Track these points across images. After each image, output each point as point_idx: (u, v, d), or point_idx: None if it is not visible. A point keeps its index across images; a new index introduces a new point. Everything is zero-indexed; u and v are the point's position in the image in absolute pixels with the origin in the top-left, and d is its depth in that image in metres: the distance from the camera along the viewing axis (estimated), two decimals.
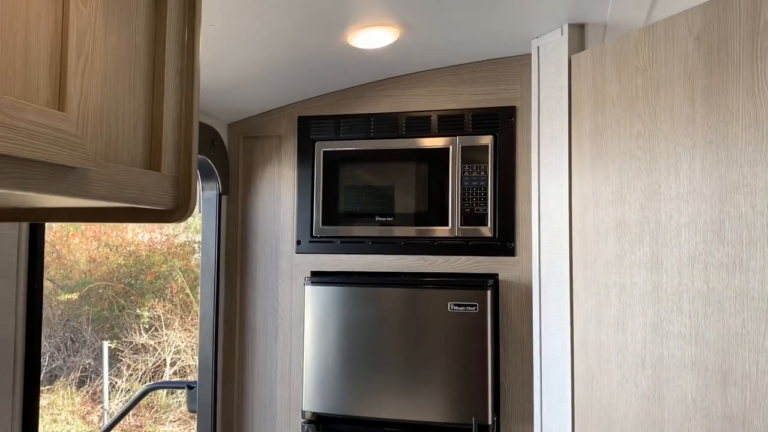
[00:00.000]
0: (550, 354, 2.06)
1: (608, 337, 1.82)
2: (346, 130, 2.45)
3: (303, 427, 2.32)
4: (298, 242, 2.48)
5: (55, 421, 10.57)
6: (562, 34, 2.02)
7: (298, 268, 2.47)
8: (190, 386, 2.50)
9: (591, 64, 1.90)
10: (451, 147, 2.34)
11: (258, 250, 2.53)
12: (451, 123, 2.36)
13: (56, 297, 11.74)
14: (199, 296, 2.52)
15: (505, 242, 2.29)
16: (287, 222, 2.50)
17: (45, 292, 9.21)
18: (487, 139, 2.32)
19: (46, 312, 11.69)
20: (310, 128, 2.48)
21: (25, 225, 1.57)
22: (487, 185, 2.30)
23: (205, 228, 2.45)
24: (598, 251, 1.86)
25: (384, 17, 1.88)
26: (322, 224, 2.44)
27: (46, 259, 11.06)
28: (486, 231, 2.30)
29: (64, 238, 12.13)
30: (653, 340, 1.68)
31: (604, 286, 1.83)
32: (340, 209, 2.43)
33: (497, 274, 2.29)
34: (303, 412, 2.33)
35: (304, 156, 2.48)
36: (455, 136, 2.34)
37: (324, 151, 2.45)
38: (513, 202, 2.28)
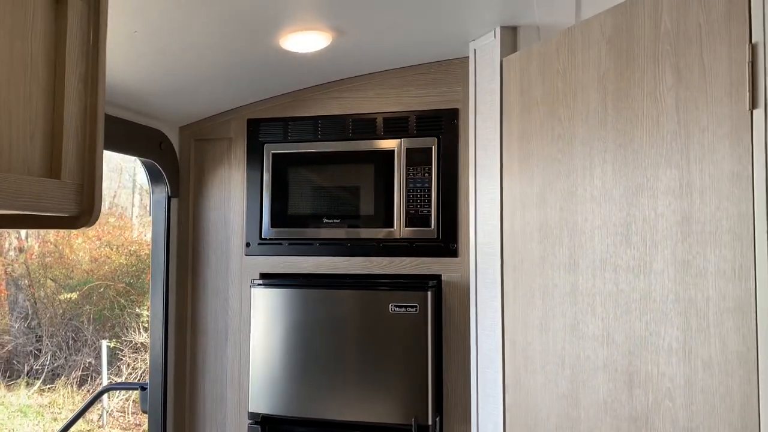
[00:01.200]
0: (485, 355, 2.07)
1: (533, 338, 1.83)
2: (295, 133, 2.47)
3: (249, 428, 2.34)
4: (248, 244, 2.50)
5: (55, 419, 10.66)
6: (495, 36, 2.03)
7: (247, 270, 2.50)
8: (143, 387, 2.53)
9: (519, 67, 1.91)
10: (396, 149, 2.36)
11: (209, 252, 2.56)
12: (396, 125, 2.37)
13: (58, 296, 11.85)
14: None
15: (448, 243, 2.30)
16: (237, 224, 2.53)
17: (47, 291, 9.29)
18: (430, 141, 2.33)
19: (48, 311, 11.79)
20: (260, 131, 2.51)
21: None
22: (431, 187, 2.32)
23: (155, 230, 2.48)
24: (524, 253, 1.87)
25: (313, 21, 1.90)
26: (271, 226, 2.47)
27: (48, 259, 11.15)
28: (430, 232, 2.31)
29: (67, 238, 12.24)
30: (571, 342, 1.69)
31: (529, 288, 1.85)
32: (288, 211, 2.45)
33: (441, 275, 2.31)
34: (249, 413, 2.35)
35: (254, 158, 2.50)
36: (400, 138, 2.36)
37: (273, 154, 2.48)
38: (456, 204, 2.30)
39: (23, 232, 12.97)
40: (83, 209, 1.36)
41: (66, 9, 1.35)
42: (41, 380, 11.25)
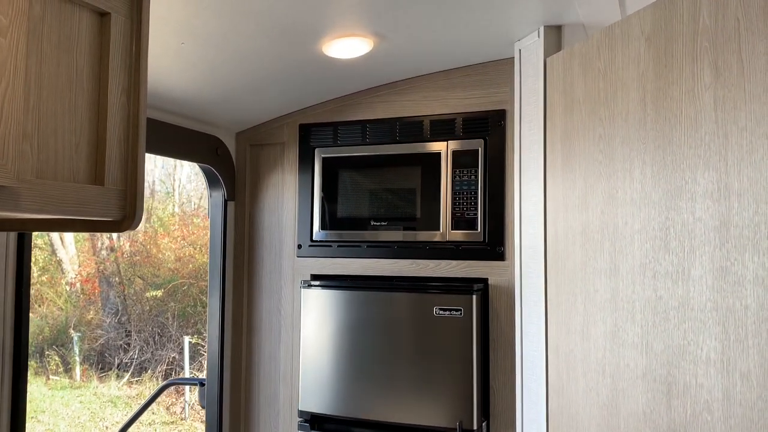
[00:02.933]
0: (529, 361, 2.04)
1: (575, 344, 1.78)
2: (344, 137, 2.51)
3: (299, 425, 2.40)
4: (299, 246, 2.56)
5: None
6: (538, 36, 2.00)
7: (299, 271, 2.56)
8: (202, 383, 2.64)
9: (561, 66, 1.87)
10: (442, 151, 2.35)
11: (263, 254, 2.64)
12: (442, 127, 2.37)
13: (145, 294, 12.46)
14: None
15: (495, 247, 2.28)
16: (289, 226, 2.59)
17: (135, 289, 9.72)
18: (477, 143, 2.31)
19: (137, 308, 12.42)
20: (311, 135, 2.56)
21: (12, 235, 1.73)
22: (478, 189, 2.30)
23: (212, 232, 2.59)
24: (567, 257, 1.83)
25: (353, 28, 1.93)
26: (321, 228, 2.52)
27: (137, 258, 11.69)
28: (476, 235, 2.30)
29: (154, 238, 12.85)
30: (612, 349, 1.64)
31: (571, 293, 1.80)
32: (337, 214, 2.50)
33: (487, 279, 2.29)
34: (299, 412, 2.41)
35: (305, 162, 2.56)
36: (447, 140, 2.35)
37: (323, 158, 2.53)
38: (503, 207, 2.27)
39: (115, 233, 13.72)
40: (126, 213, 1.45)
41: (109, 23, 1.43)
42: (130, 373, 11.84)
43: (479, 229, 2.29)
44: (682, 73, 1.41)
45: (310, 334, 2.41)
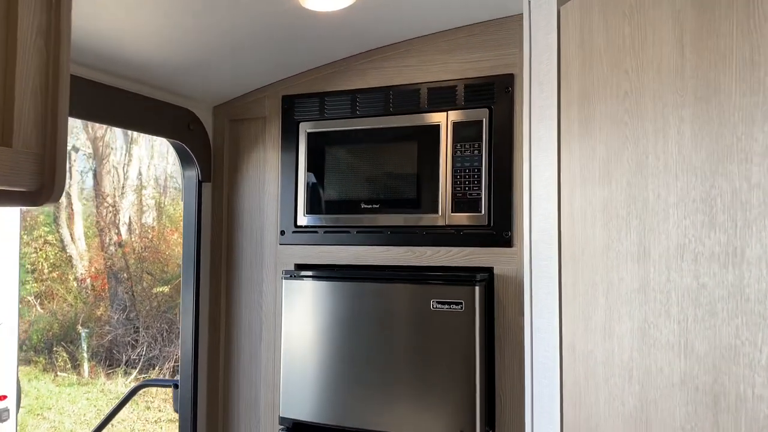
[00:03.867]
0: (540, 362, 1.75)
1: (595, 344, 1.49)
2: (331, 109, 2.23)
3: None
4: (282, 232, 2.29)
5: (148, 408, 11.03)
6: None
7: (282, 261, 2.29)
8: (176, 385, 2.38)
9: (579, 14, 1.57)
10: (441, 123, 2.06)
11: (243, 242, 2.36)
12: (442, 96, 2.08)
13: (153, 290, 12.30)
14: None
15: (501, 231, 1.98)
16: (271, 211, 2.32)
17: (143, 285, 9.58)
18: (481, 113, 2.02)
19: (145, 304, 12.26)
20: (295, 108, 2.28)
21: None
22: (481, 166, 2.01)
23: (186, 217, 2.32)
24: (585, 240, 1.53)
25: None
26: (306, 213, 2.24)
27: (145, 253, 11.56)
28: (480, 218, 2.01)
29: (162, 234, 12.69)
30: (640, 350, 1.34)
31: (591, 283, 1.51)
32: (324, 196, 2.22)
33: (492, 268, 2.00)
34: (280, 419, 2.14)
35: (288, 139, 2.29)
36: (446, 110, 2.07)
37: (308, 133, 2.25)
38: (510, 186, 1.98)
39: (124, 227, 13.58)
40: (44, 183, 1.18)
41: None
42: (137, 369, 11.69)
43: (483, 212, 2.00)
44: (733, 3, 1.12)
45: (293, 331, 2.14)
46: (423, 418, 1.95)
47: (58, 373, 11.82)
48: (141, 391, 11.23)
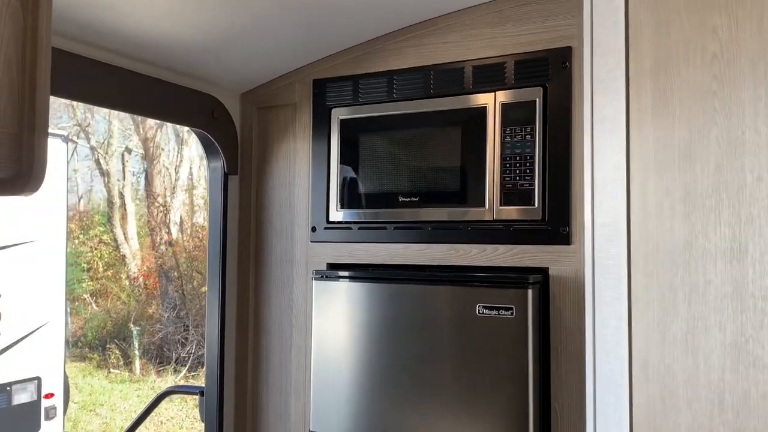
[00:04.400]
0: (605, 378, 1.50)
1: (674, 359, 1.24)
2: (366, 93, 2.03)
3: None
4: (313, 229, 2.10)
5: (196, 406, 11.06)
6: None
7: (313, 260, 2.09)
8: (202, 392, 2.22)
9: None
10: (489, 105, 1.83)
11: (272, 238, 2.18)
12: (489, 74, 1.85)
13: (201, 289, 12.40)
14: None
15: (557, 227, 1.74)
16: (302, 205, 2.13)
17: (193, 284, 9.60)
18: (534, 93, 1.78)
19: (195, 303, 12.37)
20: (326, 93, 2.09)
21: None
22: (534, 153, 1.77)
23: (211, 213, 2.15)
24: (661, 235, 1.29)
25: None
26: (339, 207, 2.04)
27: (195, 252, 11.66)
28: (532, 212, 1.77)
29: None
30: (735, 370, 1.09)
31: (668, 286, 1.26)
32: (358, 189, 2.01)
33: (547, 269, 1.75)
34: None
35: (320, 127, 2.09)
36: (494, 91, 1.83)
37: (341, 120, 2.05)
38: (568, 174, 1.73)
39: (174, 227, 13.76)
40: (21, 169, 1.01)
41: None
42: (186, 368, 11.78)
43: (536, 204, 1.76)
44: None
45: (324, 336, 1.94)
46: None
47: (111, 370, 12.03)
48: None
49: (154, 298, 13.76)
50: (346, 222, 2.03)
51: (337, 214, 2.05)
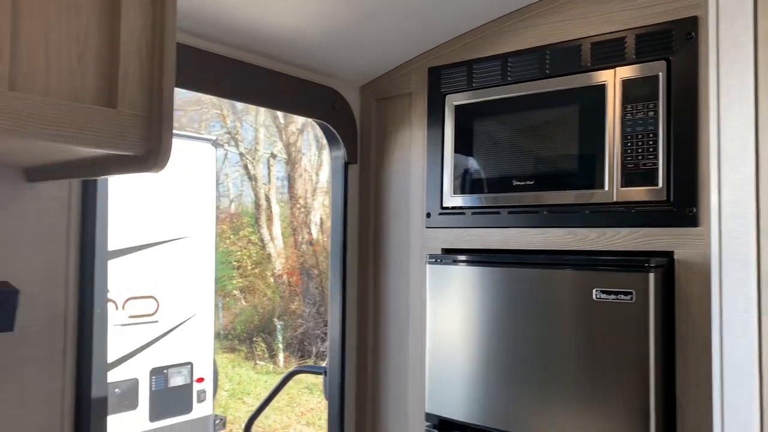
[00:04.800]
0: (734, 367, 1.39)
1: None
2: (480, 77, 2.02)
3: (426, 430, 1.96)
4: (428, 215, 2.12)
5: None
6: None
7: (428, 245, 2.12)
8: (325, 372, 2.32)
9: None
10: (608, 83, 1.76)
11: (390, 225, 2.23)
12: (607, 51, 1.78)
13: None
14: None
15: (683, 208, 1.63)
16: (417, 192, 2.16)
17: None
18: (657, 67, 1.69)
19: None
20: (441, 80, 2.10)
21: (75, 183, 1.52)
22: (658, 130, 1.67)
23: (334, 200, 2.24)
24: None
25: None
26: (453, 193, 2.05)
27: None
28: (656, 193, 1.67)
29: None
30: None
31: None
32: (472, 174, 2.01)
33: (672, 252, 1.65)
34: (426, 415, 1.97)
35: (435, 114, 2.11)
36: (614, 67, 1.76)
37: (455, 106, 2.06)
38: (694, 151, 1.62)
39: (315, 227, 14.38)
40: (151, 148, 1.13)
41: None
42: (326, 361, 12.25)
43: (660, 185, 1.67)
44: None
45: (438, 320, 1.96)
46: (585, 426, 1.66)
47: (257, 362, 12.79)
48: (318, 381, 11.72)
49: (296, 294, 14.47)
50: (460, 207, 2.04)
51: (451, 200, 2.06)
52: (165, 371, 5.89)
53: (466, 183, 2.02)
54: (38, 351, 1.42)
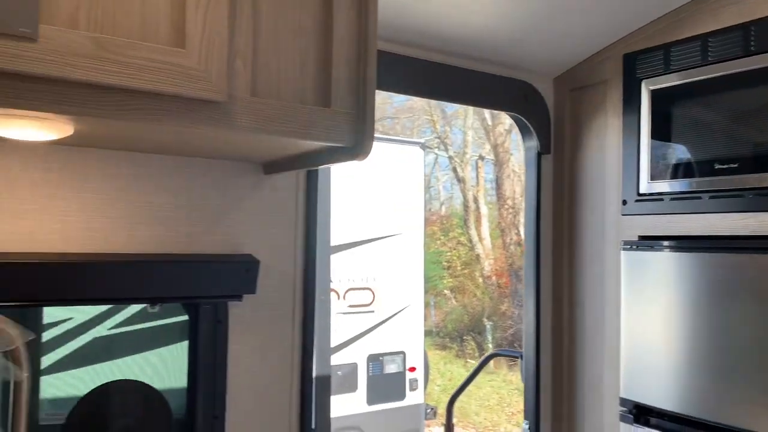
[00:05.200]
0: None
1: None
2: (677, 60, 1.98)
3: (621, 416, 1.97)
4: (624, 202, 2.11)
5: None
6: None
7: (623, 233, 2.11)
8: (521, 356, 2.41)
9: None
10: None
11: (584, 213, 2.26)
12: None
13: None
14: None
15: None
16: (613, 179, 2.16)
17: None
18: None
19: None
20: (636, 66, 2.09)
21: (302, 173, 1.81)
22: None
23: (527, 190, 2.33)
24: None
25: None
26: (650, 179, 2.03)
27: None
28: None
29: None
30: None
31: None
32: (669, 159, 1.98)
33: None
34: (621, 400, 1.98)
35: (630, 100, 2.10)
36: None
37: (651, 90, 2.03)
38: None
39: (522, 228, 14.30)
40: (357, 140, 1.35)
41: None
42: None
43: None
44: None
45: (635, 307, 1.96)
46: None
47: (468, 360, 13.04)
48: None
49: (505, 296, 14.48)
50: (658, 193, 2.01)
51: (648, 186, 2.04)
52: (381, 358, 6.31)
53: (665, 168, 1.99)
54: (274, 311, 1.73)
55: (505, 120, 13.28)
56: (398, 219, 6.44)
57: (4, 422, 1.22)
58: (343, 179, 5.39)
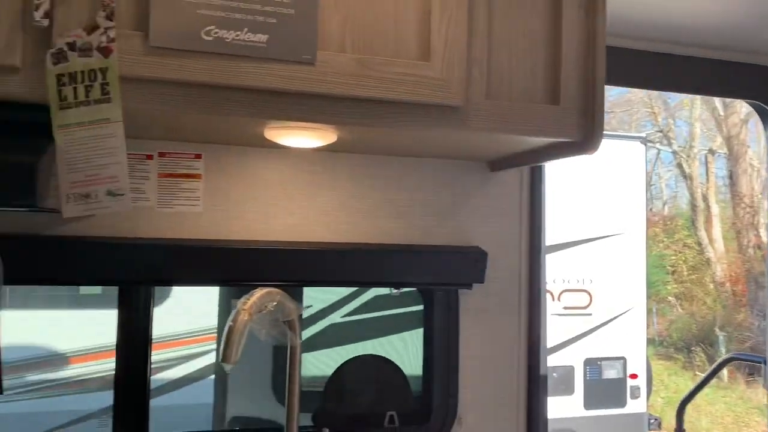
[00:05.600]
0: None
1: None
2: None
3: None
4: None
5: None
6: None
7: None
8: (765, 361, 2.24)
9: None
10: None
11: None
12: None
13: None
14: None
15: None
16: None
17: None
18: None
19: None
20: None
21: (526, 170, 1.89)
22: None
23: None
24: None
25: None
26: None
27: None
28: None
29: None
30: None
31: None
32: None
33: None
34: None
35: None
36: None
37: None
38: None
39: (763, 230, 12.77)
40: (586, 135, 1.41)
41: None
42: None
43: None
44: None
45: None
46: None
47: (696, 373, 12.01)
48: None
49: (742, 305, 13.07)
50: None
51: None
52: (598, 363, 6.12)
53: None
54: (501, 303, 1.83)
55: (741, 108, 11.98)
56: (617, 219, 6.19)
57: (284, 381, 1.48)
58: (558, 178, 5.32)
